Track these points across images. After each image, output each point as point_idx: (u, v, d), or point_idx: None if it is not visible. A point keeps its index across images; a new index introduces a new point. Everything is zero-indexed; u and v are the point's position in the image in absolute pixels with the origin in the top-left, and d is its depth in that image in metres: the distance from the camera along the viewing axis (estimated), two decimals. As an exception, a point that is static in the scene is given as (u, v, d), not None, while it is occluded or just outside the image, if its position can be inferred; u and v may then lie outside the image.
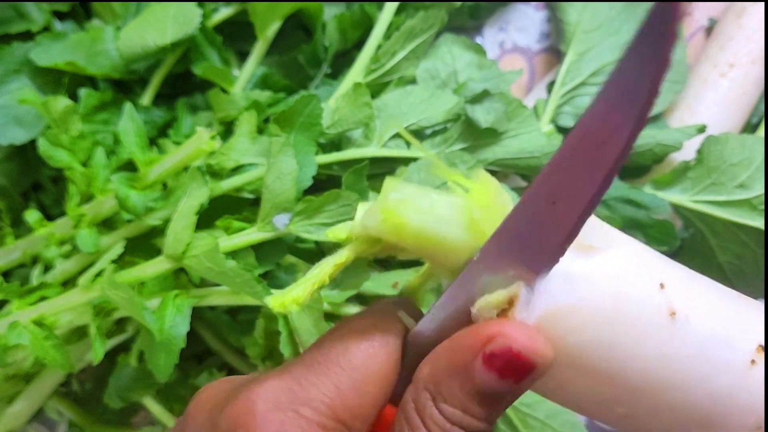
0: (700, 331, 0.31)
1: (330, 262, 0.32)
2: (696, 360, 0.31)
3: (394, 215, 0.29)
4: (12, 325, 0.50)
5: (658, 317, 0.30)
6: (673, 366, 0.31)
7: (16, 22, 0.60)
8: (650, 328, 0.30)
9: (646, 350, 0.30)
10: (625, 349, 0.30)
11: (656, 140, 0.58)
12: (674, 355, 0.31)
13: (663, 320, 0.30)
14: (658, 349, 0.30)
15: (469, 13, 0.68)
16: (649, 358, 0.30)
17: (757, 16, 0.63)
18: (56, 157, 0.54)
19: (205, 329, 0.61)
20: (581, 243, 0.30)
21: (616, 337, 0.30)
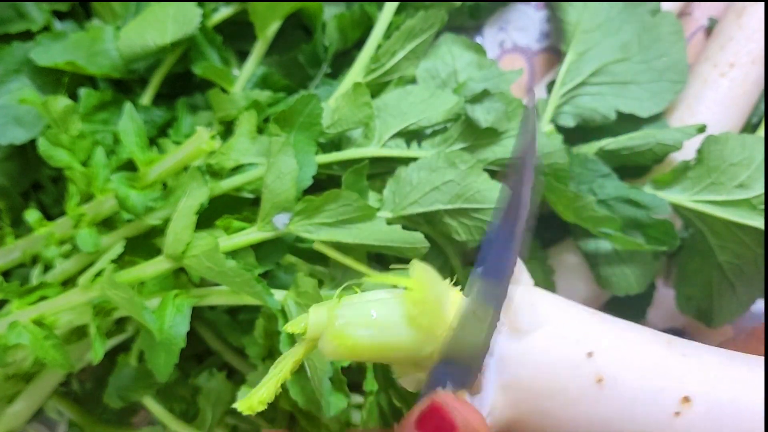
0: (626, 392, 0.33)
1: (288, 360, 0.35)
2: (623, 419, 0.33)
3: (344, 338, 0.32)
4: (12, 324, 0.50)
5: (586, 384, 0.33)
6: (603, 428, 0.33)
7: (16, 22, 0.60)
8: (579, 395, 0.33)
9: (577, 415, 0.33)
10: (558, 416, 0.33)
11: (656, 140, 0.58)
12: (603, 418, 0.33)
13: (591, 386, 0.33)
14: (587, 413, 0.33)
15: (469, 13, 0.68)
16: (580, 422, 0.33)
17: (757, 15, 0.63)
18: (56, 157, 0.54)
19: (205, 329, 0.61)
20: (514, 326, 0.34)
21: (549, 407, 0.33)
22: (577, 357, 0.34)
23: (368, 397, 0.53)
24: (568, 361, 0.34)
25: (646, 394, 0.34)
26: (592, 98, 0.61)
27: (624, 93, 0.61)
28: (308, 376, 0.50)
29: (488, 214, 0.54)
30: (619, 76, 0.61)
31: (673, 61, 0.60)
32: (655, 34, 0.60)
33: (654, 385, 0.34)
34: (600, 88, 0.61)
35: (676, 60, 0.60)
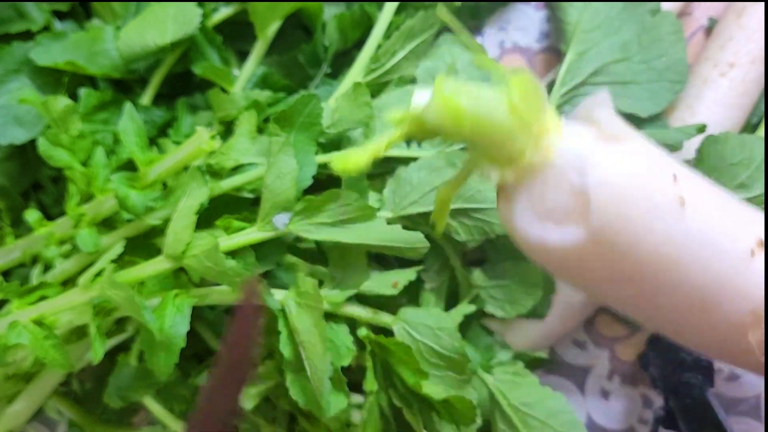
0: (706, 219, 0.34)
1: (384, 138, 0.36)
2: (700, 245, 0.34)
3: (450, 101, 0.33)
4: (12, 324, 0.50)
5: (669, 202, 0.34)
6: (679, 248, 0.34)
7: (16, 22, 0.60)
8: (662, 211, 0.34)
9: (657, 231, 0.34)
10: (640, 227, 0.33)
11: (656, 140, 0.57)
12: (681, 238, 0.34)
13: (674, 205, 0.34)
14: (667, 231, 0.34)
15: (469, 13, 0.68)
16: (659, 237, 0.34)
17: (757, 15, 0.63)
18: (56, 157, 0.54)
19: (205, 329, 0.61)
20: (606, 132, 0.35)
21: (633, 216, 0.33)
22: (664, 175, 0.34)
23: (368, 397, 0.53)
24: (656, 176, 0.34)
25: (725, 226, 0.35)
26: (592, 98, 0.61)
27: (624, 93, 0.61)
28: (308, 376, 0.50)
29: (488, 214, 0.54)
30: (619, 76, 0.61)
31: (673, 61, 0.60)
32: (655, 34, 0.60)
33: (733, 221, 0.35)
34: (600, 88, 0.61)
35: (676, 60, 0.60)
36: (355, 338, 0.54)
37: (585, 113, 0.36)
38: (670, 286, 0.35)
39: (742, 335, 0.36)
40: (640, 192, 0.33)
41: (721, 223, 0.35)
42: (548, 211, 0.35)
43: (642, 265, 0.34)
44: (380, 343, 0.52)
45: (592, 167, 0.33)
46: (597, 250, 0.34)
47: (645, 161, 0.35)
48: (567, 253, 0.34)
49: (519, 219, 0.36)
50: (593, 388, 0.67)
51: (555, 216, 0.35)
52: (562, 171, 0.34)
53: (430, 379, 0.52)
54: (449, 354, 0.52)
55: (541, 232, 0.35)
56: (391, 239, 0.51)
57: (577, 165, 0.34)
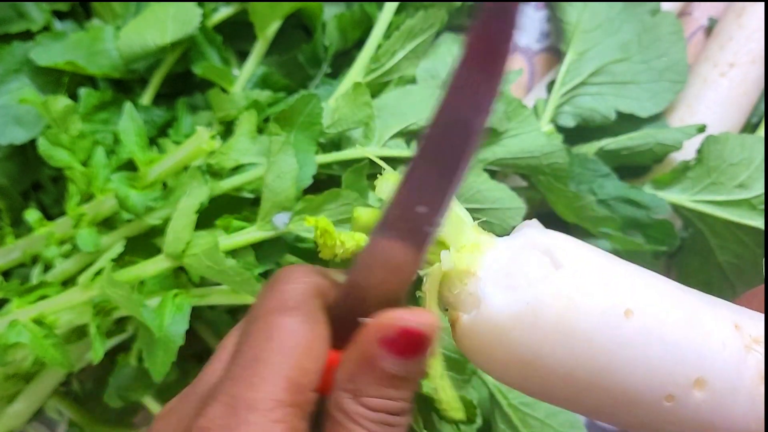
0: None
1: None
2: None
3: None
4: (12, 323, 0.50)
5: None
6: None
7: (16, 22, 0.60)
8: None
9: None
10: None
11: (656, 140, 0.58)
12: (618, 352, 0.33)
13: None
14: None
15: (469, 13, 0.68)
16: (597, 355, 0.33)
17: (756, 15, 0.63)
18: (56, 157, 0.54)
19: (205, 328, 0.61)
20: (553, 259, 0.34)
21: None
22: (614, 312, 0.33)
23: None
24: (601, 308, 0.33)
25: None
26: (592, 98, 0.61)
27: (624, 93, 0.61)
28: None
29: (488, 214, 0.54)
30: (619, 76, 0.61)
31: (673, 61, 0.60)
32: (655, 34, 0.60)
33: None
34: (600, 88, 0.61)
35: (676, 60, 0.60)
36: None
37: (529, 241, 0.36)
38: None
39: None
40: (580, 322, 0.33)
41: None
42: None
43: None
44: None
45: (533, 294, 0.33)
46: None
47: (590, 290, 0.33)
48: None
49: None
50: (593, 388, 0.67)
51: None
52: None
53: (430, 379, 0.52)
54: (449, 354, 0.52)
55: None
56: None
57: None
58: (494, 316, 0.33)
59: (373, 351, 0.30)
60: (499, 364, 0.34)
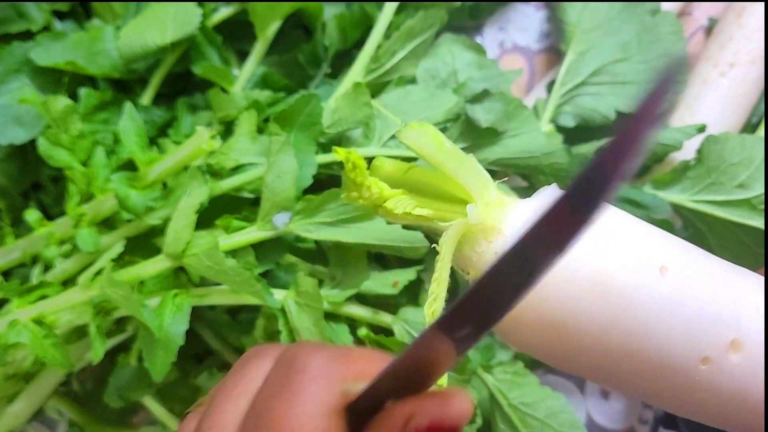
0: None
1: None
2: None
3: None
4: (11, 323, 0.50)
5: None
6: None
7: (16, 22, 0.60)
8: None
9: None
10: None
11: (656, 140, 0.58)
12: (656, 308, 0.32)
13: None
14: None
15: (469, 13, 0.68)
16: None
17: (757, 15, 0.63)
18: (56, 157, 0.54)
19: (205, 329, 0.61)
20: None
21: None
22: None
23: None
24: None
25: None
26: (592, 98, 0.61)
27: (624, 93, 0.61)
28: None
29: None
30: (619, 76, 0.61)
31: (673, 61, 0.60)
32: (655, 34, 0.60)
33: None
34: (600, 88, 0.61)
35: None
36: (355, 338, 0.54)
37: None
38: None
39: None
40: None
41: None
42: None
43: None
44: (380, 343, 0.52)
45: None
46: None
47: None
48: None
49: None
50: (593, 387, 0.67)
51: None
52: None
53: (430, 378, 0.52)
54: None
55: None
56: (391, 239, 0.51)
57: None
58: None
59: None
60: (528, 328, 0.32)
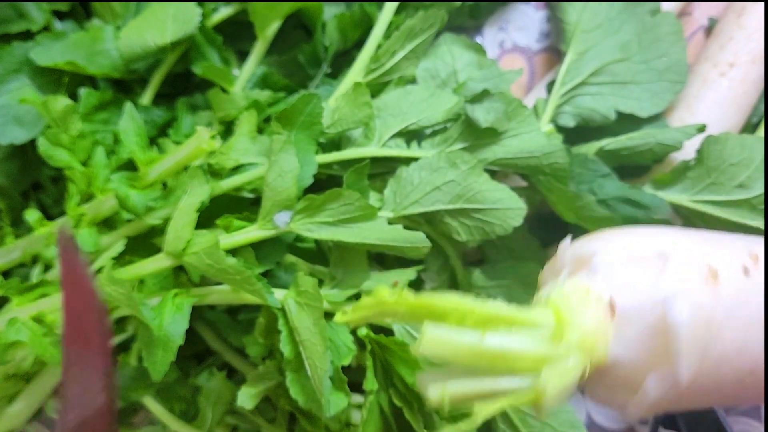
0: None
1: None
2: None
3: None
4: (11, 321, 0.50)
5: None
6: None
7: (16, 22, 0.60)
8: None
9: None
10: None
11: (656, 140, 0.58)
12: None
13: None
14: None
15: (469, 13, 0.68)
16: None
17: (756, 15, 0.63)
18: (56, 157, 0.54)
19: (205, 328, 0.61)
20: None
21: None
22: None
23: (368, 396, 0.53)
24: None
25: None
26: (592, 98, 0.61)
27: (624, 93, 0.61)
28: (308, 376, 0.50)
29: (489, 214, 0.54)
30: (619, 76, 0.61)
31: (672, 61, 0.60)
32: (655, 34, 0.61)
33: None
34: (600, 88, 0.61)
35: (675, 60, 0.60)
36: (356, 338, 0.53)
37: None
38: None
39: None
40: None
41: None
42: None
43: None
44: (380, 343, 0.52)
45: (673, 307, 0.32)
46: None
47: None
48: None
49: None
50: (593, 387, 0.67)
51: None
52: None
53: (431, 378, 0.52)
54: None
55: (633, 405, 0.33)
56: (391, 239, 0.51)
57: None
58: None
59: None
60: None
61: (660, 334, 0.32)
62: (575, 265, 0.35)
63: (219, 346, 0.61)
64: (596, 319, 0.32)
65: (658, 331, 0.32)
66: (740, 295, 0.34)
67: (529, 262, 0.60)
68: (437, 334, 0.31)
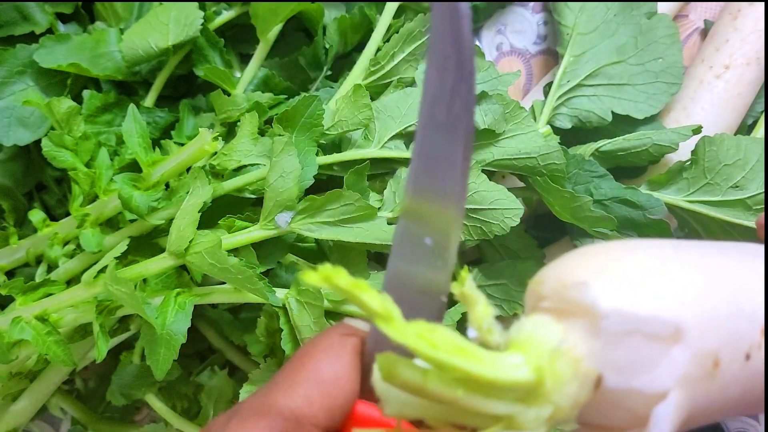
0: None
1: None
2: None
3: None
4: (15, 319, 0.51)
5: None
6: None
7: (20, 24, 0.61)
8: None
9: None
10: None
11: (652, 141, 0.58)
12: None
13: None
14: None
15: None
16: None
17: (752, 17, 0.64)
18: (60, 158, 0.55)
19: (208, 327, 0.62)
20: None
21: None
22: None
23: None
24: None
25: None
26: (588, 100, 0.61)
27: (620, 95, 0.61)
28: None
29: (486, 214, 0.54)
30: (615, 78, 0.61)
31: (668, 63, 0.61)
32: (651, 37, 0.61)
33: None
34: (596, 90, 0.61)
35: (671, 62, 0.61)
36: (356, 336, 0.54)
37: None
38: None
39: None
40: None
41: None
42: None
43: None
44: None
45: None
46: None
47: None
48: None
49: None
50: (590, 386, 0.67)
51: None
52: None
53: (430, 376, 0.52)
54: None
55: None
56: (391, 239, 0.52)
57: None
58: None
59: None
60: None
61: (637, 419, 0.29)
62: (563, 303, 0.30)
63: (221, 344, 0.62)
64: (576, 396, 0.29)
65: (637, 417, 0.29)
66: (732, 386, 0.31)
67: (526, 262, 0.61)
68: (394, 393, 0.29)
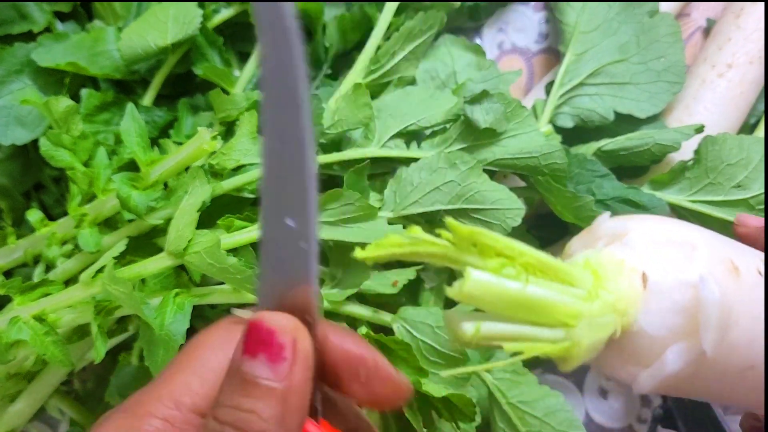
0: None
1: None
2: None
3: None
4: (12, 319, 0.51)
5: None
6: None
7: (18, 23, 0.61)
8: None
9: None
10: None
11: (654, 140, 0.58)
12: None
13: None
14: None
15: (468, 14, 0.68)
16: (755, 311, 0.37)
17: (755, 16, 0.64)
18: (58, 157, 0.55)
19: (206, 327, 0.61)
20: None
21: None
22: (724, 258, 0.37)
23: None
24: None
25: None
26: (590, 99, 0.61)
27: (622, 94, 0.61)
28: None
29: (488, 214, 0.54)
30: (618, 77, 0.61)
31: (671, 62, 0.61)
32: (653, 35, 0.61)
33: None
34: (598, 88, 0.61)
35: (674, 61, 0.61)
36: (356, 337, 0.54)
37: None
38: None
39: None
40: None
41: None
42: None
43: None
44: (380, 342, 0.53)
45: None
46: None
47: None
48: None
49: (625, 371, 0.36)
50: (592, 386, 0.67)
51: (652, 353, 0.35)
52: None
53: (430, 377, 0.52)
54: (449, 352, 0.52)
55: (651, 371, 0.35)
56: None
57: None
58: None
59: (235, 355, 0.29)
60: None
61: (684, 312, 0.34)
62: (610, 239, 0.37)
63: (220, 345, 0.61)
64: (630, 286, 0.34)
65: (684, 309, 0.34)
66: (756, 291, 0.36)
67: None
68: (482, 277, 0.31)
